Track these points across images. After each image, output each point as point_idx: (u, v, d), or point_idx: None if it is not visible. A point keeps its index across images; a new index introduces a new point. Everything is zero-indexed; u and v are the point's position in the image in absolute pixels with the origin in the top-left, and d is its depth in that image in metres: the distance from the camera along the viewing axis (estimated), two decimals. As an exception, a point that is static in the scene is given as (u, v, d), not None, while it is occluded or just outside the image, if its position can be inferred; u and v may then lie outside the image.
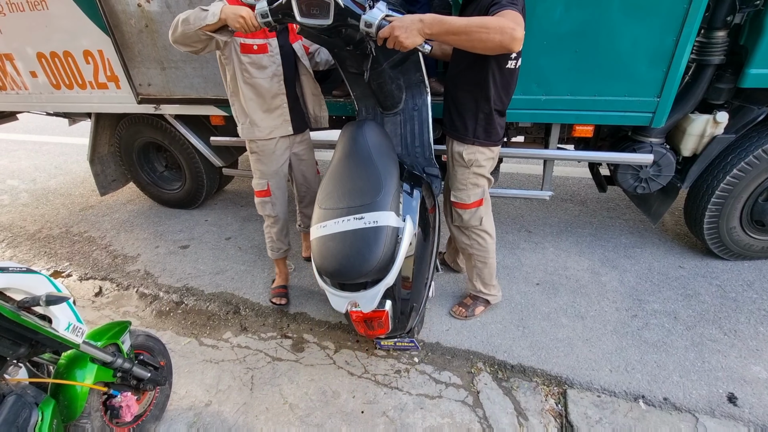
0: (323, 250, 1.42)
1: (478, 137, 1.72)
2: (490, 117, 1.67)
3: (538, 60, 1.91)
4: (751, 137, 2.02)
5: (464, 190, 1.85)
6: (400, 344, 1.79)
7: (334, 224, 1.44)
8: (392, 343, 1.80)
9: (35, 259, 2.95)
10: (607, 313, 2.13)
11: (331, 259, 1.39)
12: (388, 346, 1.85)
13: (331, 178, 1.62)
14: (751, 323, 2.01)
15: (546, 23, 1.82)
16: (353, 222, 1.42)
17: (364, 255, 1.35)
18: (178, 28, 1.61)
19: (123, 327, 1.52)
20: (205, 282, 2.58)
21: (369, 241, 1.38)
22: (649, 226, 2.79)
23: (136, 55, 2.44)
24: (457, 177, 1.84)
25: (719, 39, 1.83)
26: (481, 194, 1.85)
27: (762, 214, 2.17)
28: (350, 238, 1.40)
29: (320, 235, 1.46)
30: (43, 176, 4.36)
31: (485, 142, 1.74)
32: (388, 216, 1.44)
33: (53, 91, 2.87)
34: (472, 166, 1.77)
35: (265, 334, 2.17)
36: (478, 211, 1.88)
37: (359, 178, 1.55)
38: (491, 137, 1.73)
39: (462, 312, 2.13)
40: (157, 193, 3.43)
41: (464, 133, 1.74)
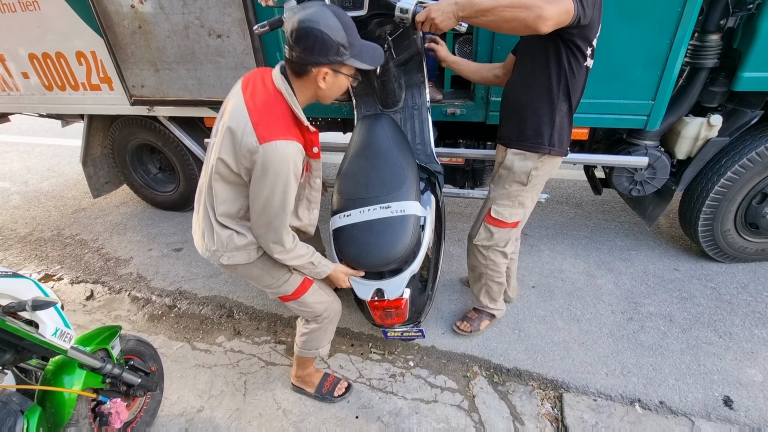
0: (349, 239, 1.45)
1: (554, 145, 1.52)
2: (565, 121, 1.51)
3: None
4: (745, 140, 2.03)
5: (509, 207, 1.68)
6: (407, 334, 1.77)
7: (360, 213, 1.46)
8: (399, 334, 1.77)
9: (26, 262, 2.91)
10: (602, 316, 2.13)
11: (359, 247, 1.42)
12: (395, 336, 1.81)
13: (352, 168, 1.62)
14: (745, 326, 2.01)
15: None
16: (380, 211, 1.44)
17: (393, 243, 1.39)
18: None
19: (113, 332, 1.49)
20: (198, 285, 2.55)
21: (396, 229, 1.41)
22: (644, 228, 2.80)
23: (129, 57, 2.41)
24: (509, 192, 1.65)
25: (713, 42, 1.84)
26: (522, 215, 1.70)
27: (756, 216, 2.17)
28: (377, 226, 1.42)
29: (344, 224, 1.47)
30: (35, 178, 4.31)
31: (559, 151, 1.54)
32: (414, 205, 1.47)
33: (45, 93, 2.84)
34: (530, 182, 1.59)
35: (259, 339, 2.15)
36: (511, 233, 1.74)
37: (381, 169, 1.56)
38: (564, 145, 1.55)
39: (467, 327, 2.04)
40: (150, 195, 3.40)
41: (537, 141, 1.52)
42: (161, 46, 2.30)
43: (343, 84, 1.24)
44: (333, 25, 1.10)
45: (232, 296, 2.44)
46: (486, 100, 2.06)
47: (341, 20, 1.13)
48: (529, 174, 1.58)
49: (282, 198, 1.20)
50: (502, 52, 1.90)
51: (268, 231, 1.27)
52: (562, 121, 1.50)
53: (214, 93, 2.37)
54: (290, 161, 1.16)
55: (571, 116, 1.53)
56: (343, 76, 1.21)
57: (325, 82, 1.19)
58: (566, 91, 1.45)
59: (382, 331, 1.77)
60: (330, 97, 1.28)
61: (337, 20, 1.12)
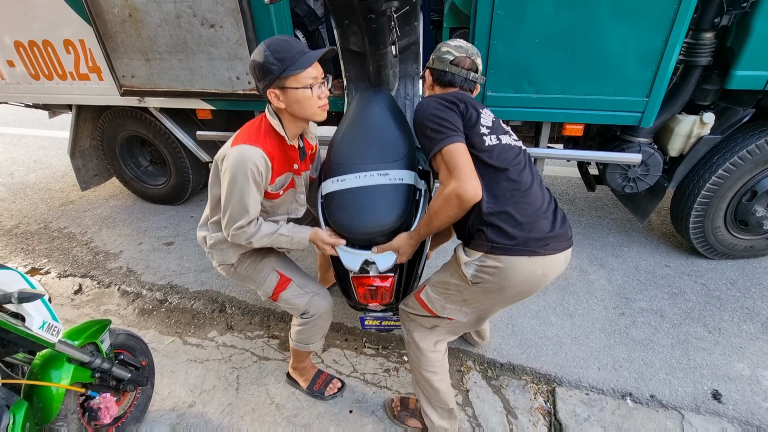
0: (341, 204, 1.35)
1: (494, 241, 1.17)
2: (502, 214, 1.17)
3: (529, 58, 1.90)
4: (736, 138, 2.05)
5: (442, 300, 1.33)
6: (386, 323, 1.67)
7: (355, 179, 1.37)
8: (377, 323, 1.67)
9: (11, 255, 2.85)
10: (595, 311, 2.15)
11: (352, 213, 1.32)
12: (372, 326, 1.69)
13: (347, 135, 1.55)
14: (734, 321, 2.04)
15: (537, 22, 1.82)
16: (377, 178, 1.36)
17: (389, 211, 1.31)
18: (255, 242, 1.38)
19: (102, 325, 1.46)
20: (190, 280, 2.52)
21: (393, 198, 1.33)
22: (636, 225, 2.82)
23: (119, 46, 2.36)
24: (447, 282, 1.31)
25: (707, 40, 1.85)
26: (462, 315, 1.33)
27: (746, 214, 2.21)
28: (373, 193, 1.34)
29: (338, 189, 1.37)
30: (22, 170, 4.21)
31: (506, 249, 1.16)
32: (412, 176, 1.40)
33: (32, 82, 2.77)
34: (476, 284, 1.23)
35: (251, 333, 2.13)
36: (441, 322, 1.38)
37: (379, 138, 1.50)
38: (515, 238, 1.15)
39: (395, 407, 1.66)
40: (141, 188, 3.34)
41: (477, 240, 1.21)
42: (152, 35, 2.25)
43: (301, 96, 1.27)
44: (261, 52, 1.22)
45: (224, 291, 2.41)
46: (482, 97, 2.05)
47: (270, 46, 1.22)
48: (468, 270, 1.21)
49: (240, 199, 1.28)
50: (498, 47, 1.90)
51: (229, 226, 1.34)
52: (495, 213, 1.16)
53: (206, 84, 2.33)
54: (247, 163, 1.25)
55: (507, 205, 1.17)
56: (293, 90, 1.26)
57: (280, 101, 1.28)
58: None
59: (360, 320, 1.68)
60: (303, 113, 1.31)
61: (265, 47, 1.22)
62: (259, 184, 1.31)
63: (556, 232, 1.19)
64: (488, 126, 1.27)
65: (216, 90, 2.33)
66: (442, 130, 1.18)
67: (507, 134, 1.32)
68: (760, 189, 2.13)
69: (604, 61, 1.85)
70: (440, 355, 1.45)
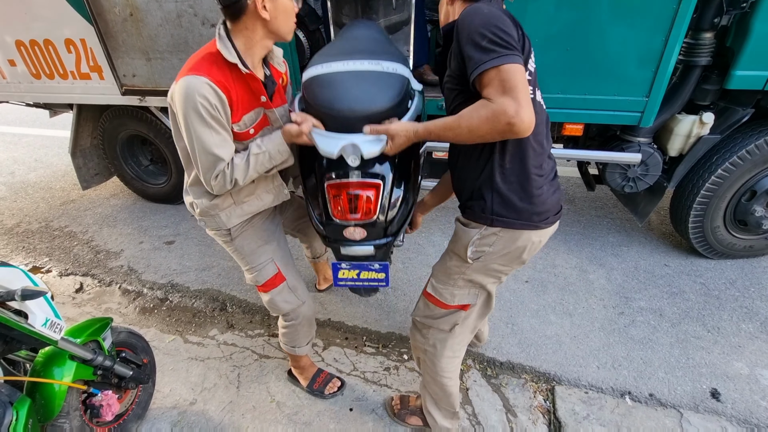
0: (325, 84, 1.14)
1: (499, 214, 1.12)
2: (512, 179, 1.10)
3: (529, 57, 1.91)
4: (736, 138, 2.06)
5: (449, 287, 1.28)
6: (365, 275, 1.35)
7: (343, 65, 1.16)
8: (354, 275, 1.36)
9: (13, 254, 2.85)
10: (594, 310, 2.15)
11: (338, 90, 1.12)
12: (347, 280, 1.37)
13: (333, 44, 1.36)
14: (733, 320, 2.05)
15: (537, 22, 1.82)
16: (368, 64, 1.17)
17: (379, 93, 1.11)
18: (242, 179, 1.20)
19: (104, 323, 1.47)
20: (190, 278, 2.53)
21: (386, 83, 1.14)
22: (635, 224, 2.83)
23: (120, 45, 2.37)
24: (447, 267, 1.28)
25: (706, 40, 1.86)
26: (473, 297, 1.28)
27: (745, 213, 2.21)
28: (363, 76, 1.14)
29: (322, 73, 1.16)
30: (22, 169, 4.22)
31: (508, 222, 1.12)
32: (408, 71, 1.22)
33: (33, 81, 2.78)
34: (476, 260, 1.19)
35: (252, 331, 2.14)
36: (458, 316, 1.31)
37: (370, 43, 1.33)
38: (522, 214, 1.11)
39: (396, 406, 1.66)
40: (141, 187, 3.35)
41: (477, 208, 1.16)
42: (153, 34, 2.26)
43: (288, 5, 1.13)
44: None
45: (225, 289, 2.42)
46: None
47: None
48: (468, 249, 1.17)
49: (202, 145, 1.12)
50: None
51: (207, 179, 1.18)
52: (508, 182, 1.10)
53: (207, 83, 2.33)
54: (194, 96, 1.07)
55: (526, 173, 1.08)
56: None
57: (267, 10, 1.10)
58: (500, 143, 1.07)
59: (333, 269, 1.37)
60: (283, 27, 1.16)
61: None
62: (219, 120, 1.12)
63: (555, 204, 1.16)
64: (531, 72, 1.06)
65: (217, 89, 2.34)
66: (505, 45, 0.92)
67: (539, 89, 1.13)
68: (759, 189, 2.14)
69: (604, 61, 1.86)
70: (459, 361, 1.42)
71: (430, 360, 1.41)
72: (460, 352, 1.42)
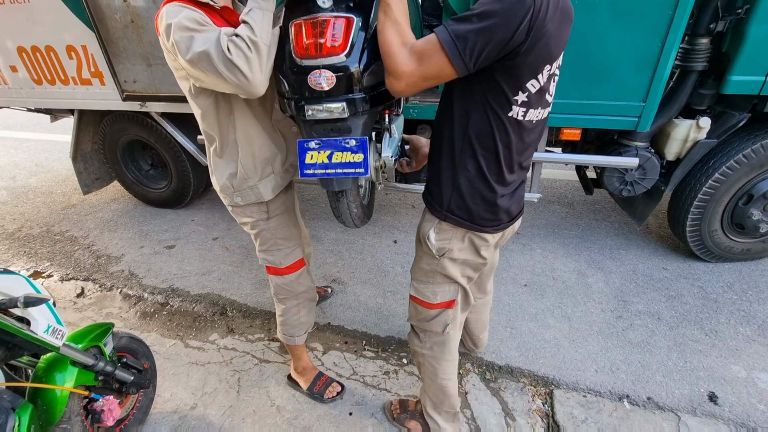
0: None
1: (452, 212, 1.13)
2: (475, 187, 1.10)
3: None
4: (732, 142, 2.07)
5: (430, 285, 1.28)
6: (339, 158, 1.11)
7: None
8: (325, 158, 1.12)
9: (14, 259, 2.87)
10: (593, 314, 2.16)
11: None
12: (317, 166, 1.13)
13: None
14: (731, 324, 2.06)
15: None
16: None
17: None
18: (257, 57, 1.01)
19: (105, 329, 1.48)
20: (191, 283, 2.54)
21: None
22: (633, 228, 2.84)
23: (121, 51, 2.38)
24: (421, 267, 1.29)
25: (702, 46, 1.88)
26: (454, 292, 1.29)
27: (742, 217, 2.22)
28: None
29: None
30: (23, 174, 4.24)
31: (460, 221, 1.14)
32: None
33: (34, 87, 2.79)
34: (441, 255, 1.20)
35: (252, 336, 2.15)
36: (446, 314, 1.32)
37: None
38: (474, 219, 1.13)
39: (395, 410, 1.66)
40: (142, 192, 3.37)
41: (436, 200, 1.17)
42: (154, 40, 2.28)
43: None
44: None
45: (225, 294, 2.43)
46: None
47: None
48: (431, 242, 1.19)
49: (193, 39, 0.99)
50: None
51: (221, 62, 0.99)
52: (471, 186, 1.09)
53: (207, 89, 2.35)
54: (183, 11, 1.01)
55: (486, 182, 1.07)
56: None
57: None
58: (470, 148, 1.05)
59: (299, 150, 1.13)
60: None
61: None
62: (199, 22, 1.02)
63: (511, 211, 1.17)
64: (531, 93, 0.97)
65: (217, 95, 2.35)
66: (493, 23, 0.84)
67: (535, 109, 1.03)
68: (756, 192, 2.15)
69: (601, 66, 1.87)
70: (456, 362, 1.45)
71: (429, 363, 1.42)
72: (456, 353, 1.45)
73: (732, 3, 1.78)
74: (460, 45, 0.88)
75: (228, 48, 0.97)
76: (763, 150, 2.02)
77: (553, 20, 0.88)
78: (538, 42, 0.88)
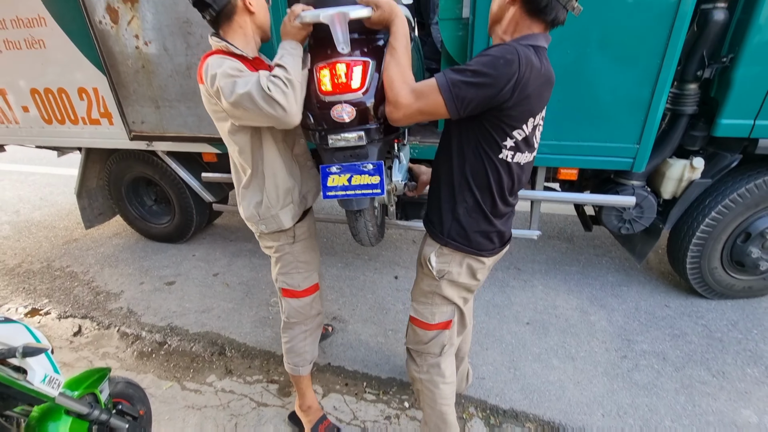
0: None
1: (453, 238, 1.26)
2: (473, 217, 1.23)
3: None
4: (727, 182, 2.11)
5: (429, 305, 1.38)
6: (358, 181, 1.25)
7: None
8: (345, 180, 1.25)
9: (12, 295, 2.85)
10: (597, 353, 2.13)
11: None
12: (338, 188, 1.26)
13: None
14: (738, 364, 2.02)
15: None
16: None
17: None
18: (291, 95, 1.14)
19: (102, 374, 1.46)
20: (190, 321, 2.51)
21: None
22: (634, 264, 2.84)
23: (131, 94, 2.47)
24: (421, 288, 1.39)
25: (691, 91, 1.95)
26: (450, 313, 1.39)
27: (741, 255, 2.23)
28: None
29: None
30: (27, 208, 4.28)
31: (461, 247, 1.26)
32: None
33: (44, 126, 2.87)
34: (440, 276, 1.32)
35: (251, 378, 2.10)
36: (443, 336, 1.40)
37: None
38: (472, 244, 1.25)
39: None
40: (144, 227, 3.39)
41: (437, 227, 1.29)
42: (163, 84, 2.37)
43: (263, 1, 1.32)
44: None
45: (224, 332, 2.40)
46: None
47: None
48: (431, 265, 1.30)
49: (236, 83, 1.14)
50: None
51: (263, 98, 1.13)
52: (469, 216, 1.23)
53: (213, 130, 2.42)
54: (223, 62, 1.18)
55: (483, 212, 1.21)
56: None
57: (252, 5, 1.26)
58: (467, 183, 1.19)
59: (322, 175, 1.27)
60: (265, 20, 1.33)
61: None
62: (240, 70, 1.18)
63: (504, 236, 1.31)
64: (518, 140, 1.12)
65: (222, 135, 2.42)
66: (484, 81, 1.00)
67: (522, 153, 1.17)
68: (753, 231, 2.17)
69: (596, 110, 1.93)
70: (454, 386, 1.50)
71: (427, 389, 1.47)
72: (454, 377, 1.51)
73: (717, 52, 1.86)
74: (454, 91, 1.03)
75: (268, 87, 1.11)
76: (757, 189, 2.05)
77: (536, 85, 1.04)
78: (521, 101, 1.04)
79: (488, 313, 2.44)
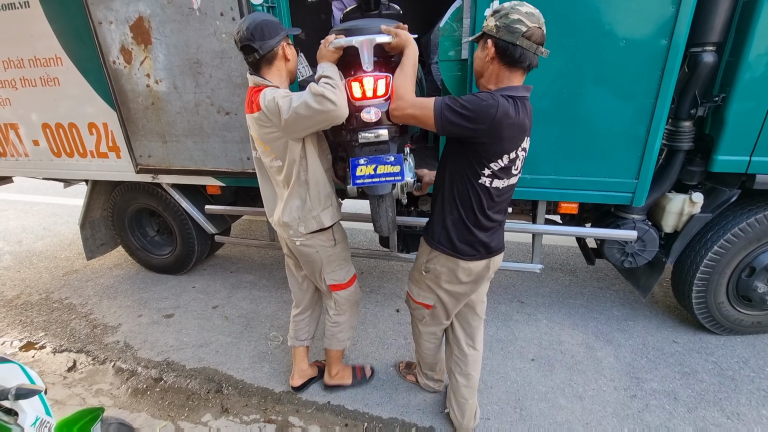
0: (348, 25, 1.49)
1: (443, 244, 1.50)
2: (458, 228, 1.47)
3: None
4: (727, 216, 2.12)
5: (417, 288, 1.71)
6: (382, 170, 1.53)
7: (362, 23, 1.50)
8: (371, 170, 1.52)
9: (8, 328, 2.81)
10: (605, 392, 2.06)
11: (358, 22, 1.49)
12: (365, 176, 1.52)
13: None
14: (752, 405, 1.95)
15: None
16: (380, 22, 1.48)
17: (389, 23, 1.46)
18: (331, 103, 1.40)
19: (95, 415, 1.42)
20: (187, 356, 2.46)
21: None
22: (639, 297, 2.80)
23: (139, 129, 2.54)
24: (414, 275, 1.73)
25: (686, 128, 1.99)
26: (434, 300, 1.66)
27: (747, 290, 2.20)
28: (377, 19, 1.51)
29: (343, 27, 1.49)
30: (30, 238, 4.29)
31: (449, 252, 1.50)
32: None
33: (53, 159, 2.93)
34: (428, 272, 1.60)
35: (247, 417, 2.03)
36: (423, 311, 1.75)
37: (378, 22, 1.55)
38: (457, 250, 1.49)
39: (402, 367, 2.27)
40: (146, 258, 3.39)
41: (430, 232, 1.56)
42: (171, 120, 2.43)
43: (294, 51, 1.59)
44: (262, 16, 1.50)
45: (221, 368, 2.34)
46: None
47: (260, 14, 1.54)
48: (425, 264, 1.60)
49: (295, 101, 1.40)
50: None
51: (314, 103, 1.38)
52: (455, 227, 1.47)
53: (218, 164, 2.47)
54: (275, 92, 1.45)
55: (466, 225, 1.45)
56: (289, 46, 1.55)
57: (287, 52, 1.53)
58: (454, 201, 1.44)
59: (351, 167, 1.53)
60: (294, 68, 1.61)
61: (259, 14, 1.52)
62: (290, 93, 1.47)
63: (490, 246, 1.51)
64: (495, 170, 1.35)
65: (227, 169, 2.47)
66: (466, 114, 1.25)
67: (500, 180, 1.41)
68: (757, 265, 2.15)
69: (594, 147, 1.97)
70: (431, 345, 1.89)
71: (416, 334, 1.90)
72: (432, 340, 1.87)
73: (709, 91, 1.92)
74: (444, 113, 1.29)
75: (319, 91, 1.37)
76: (758, 224, 2.05)
77: (509, 132, 1.28)
78: (495, 141, 1.29)
79: (492, 349, 2.38)
